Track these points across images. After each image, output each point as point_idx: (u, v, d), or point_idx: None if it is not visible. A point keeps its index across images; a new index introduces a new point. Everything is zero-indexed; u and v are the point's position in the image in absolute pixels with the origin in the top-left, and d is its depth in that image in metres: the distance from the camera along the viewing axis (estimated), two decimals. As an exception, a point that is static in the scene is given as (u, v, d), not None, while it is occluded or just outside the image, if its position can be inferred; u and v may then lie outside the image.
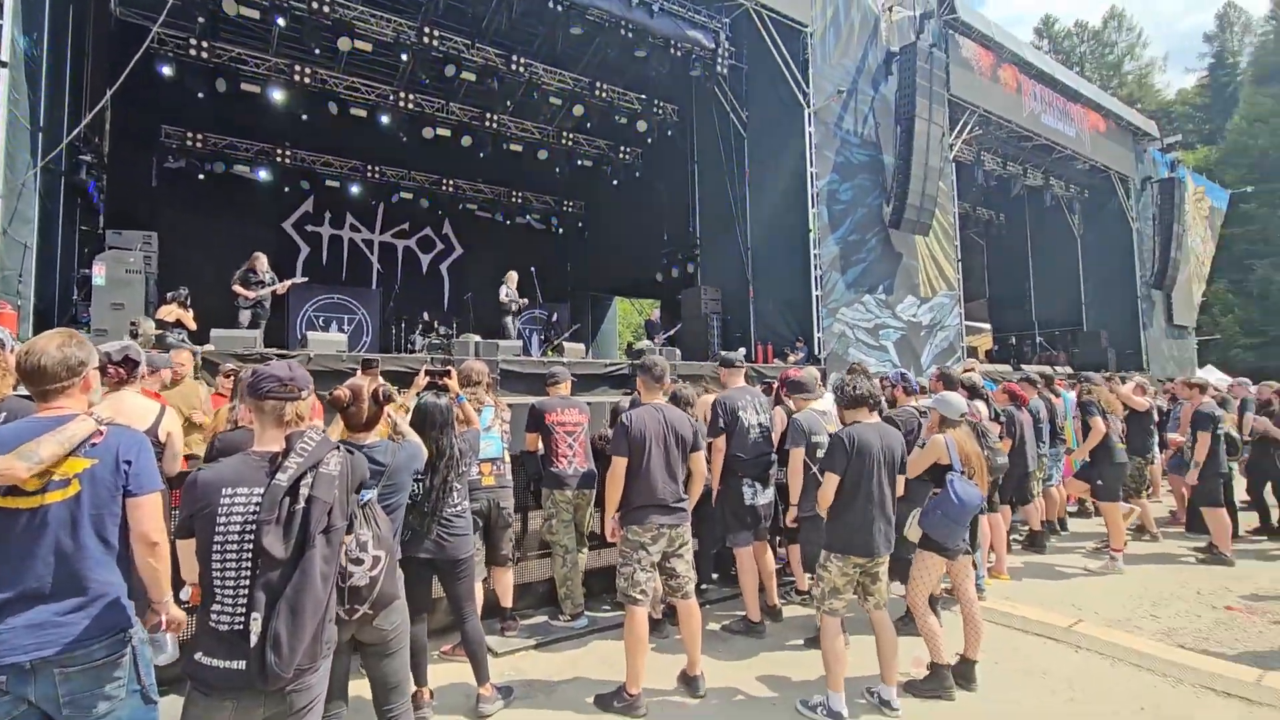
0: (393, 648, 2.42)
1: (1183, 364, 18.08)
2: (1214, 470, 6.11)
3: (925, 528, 3.52)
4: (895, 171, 11.97)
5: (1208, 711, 3.31)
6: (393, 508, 2.57)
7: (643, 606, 3.27)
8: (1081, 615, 4.59)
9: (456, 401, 3.47)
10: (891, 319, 12.14)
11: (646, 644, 3.29)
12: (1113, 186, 17.48)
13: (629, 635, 3.25)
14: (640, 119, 13.36)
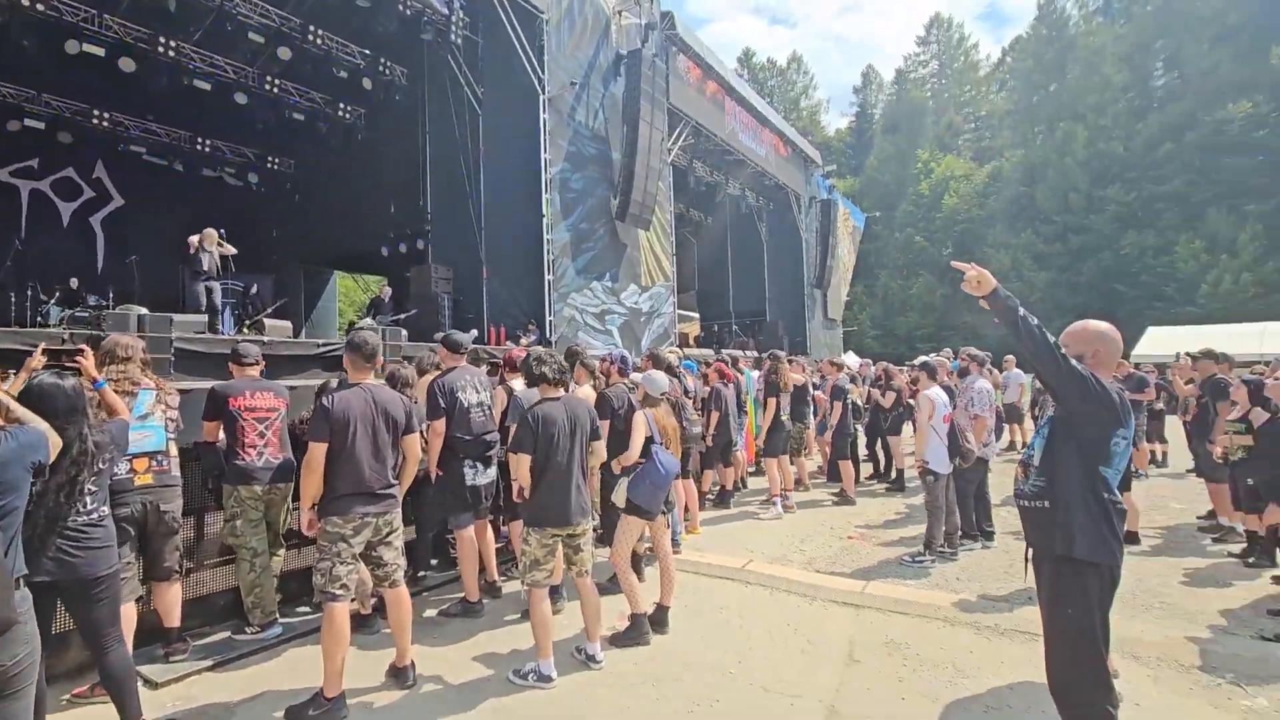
0: (12, 688, 1.92)
1: (834, 349, 22.62)
2: (844, 431, 7.81)
3: (632, 495, 3.89)
4: (622, 168, 12.81)
5: (831, 618, 4.25)
6: (2, 513, 2.02)
7: (342, 602, 3.05)
8: (752, 556, 5.52)
9: (95, 386, 2.83)
10: (616, 305, 13.03)
11: (346, 641, 3.07)
12: (790, 202, 21.07)
13: (326, 635, 3.01)
14: (364, 76, 12.21)
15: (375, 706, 3.18)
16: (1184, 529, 6.31)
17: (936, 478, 5.35)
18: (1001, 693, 3.23)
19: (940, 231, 44.88)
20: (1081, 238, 38.67)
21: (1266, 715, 3.00)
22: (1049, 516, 2.38)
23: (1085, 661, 2.30)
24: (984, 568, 5.20)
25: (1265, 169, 33.89)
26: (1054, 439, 2.41)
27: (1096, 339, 2.45)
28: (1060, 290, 38.03)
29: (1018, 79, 49.78)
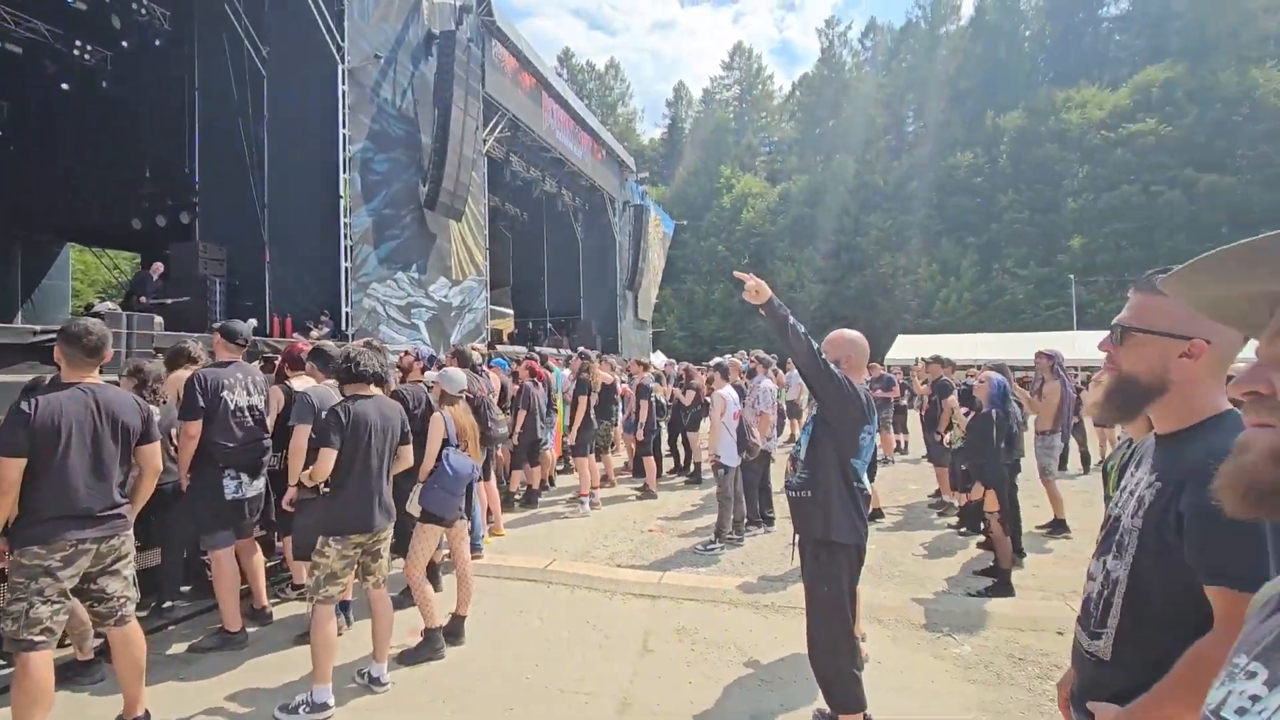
0: None
1: (644, 349, 23.61)
2: (649, 429, 8.16)
3: (424, 503, 3.67)
4: (432, 153, 12.13)
5: (629, 611, 4.39)
6: None
7: (42, 651, 2.48)
8: (556, 555, 5.53)
9: None
10: (424, 298, 12.32)
11: (48, 700, 2.49)
12: (605, 204, 21.56)
13: (19, 693, 2.42)
14: (111, 12, 10.19)
15: (94, 771, 2.65)
16: (918, 506, 7.52)
17: (727, 470, 5.80)
18: (775, 666, 3.57)
19: (739, 242, 48.96)
20: (850, 255, 44.57)
21: (970, 658, 3.66)
22: (811, 504, 2.67)
23: (836, 631, 2.61)
24: (765, 551, 5.73)
25: (980, 209, 41.66)
26: (816, 435, 2.71)
27: (849, 345, 2.80)
28: (834, 301, 43.47)
29: (804, 112, 56.03)
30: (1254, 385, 0.57)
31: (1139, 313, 1.28)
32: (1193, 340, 1.20)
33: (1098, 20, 50.04)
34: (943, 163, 43.85)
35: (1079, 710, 1.32)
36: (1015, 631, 3.98)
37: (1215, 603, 1.10)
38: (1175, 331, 1.22)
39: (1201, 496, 1.11)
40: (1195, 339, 1.20)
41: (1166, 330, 1.23)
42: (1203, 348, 1.20)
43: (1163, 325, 1.23)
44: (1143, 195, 35.39)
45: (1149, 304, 1.27)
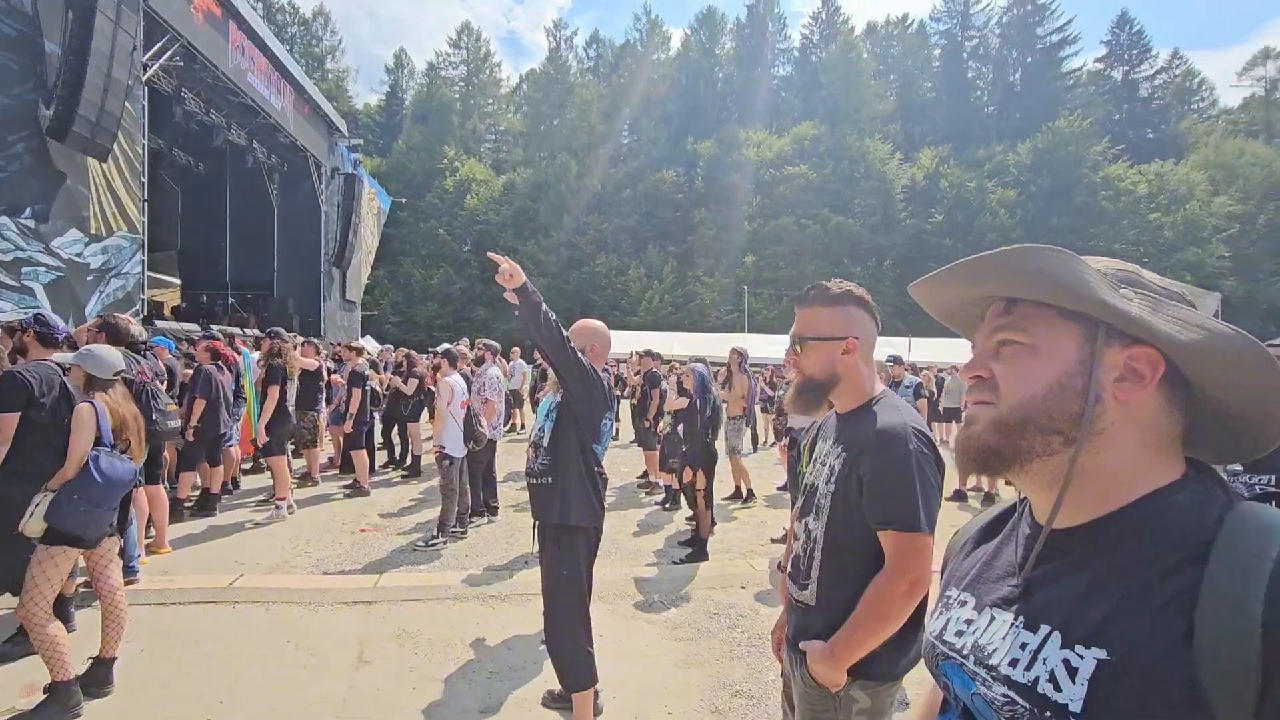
0: None
1: (351, 333, 21.49)
2: (361, 420, 7.46)
3: (58, 521, 2.81)
4: (63, 68, 9.31)
5: (340, 622, 3.96)
6: None
7: None
8: (244, 569, 4.73)
9: None
10: (44, 254, 9.45)
11: None
12: (309, 168, 19.01)
13: None
14: None
15: None
16: (628, 487, 8.20)
17: (452, 461, 5.60)
18: (503, 654, 3.57)
19: (462, 228, 47.56)
20: (570, 252, 46.54)
21: (675, 619, 4.12)
22: (551, 490, 2.73)
23: (574, 613, 2.72)
24: (490, 542, 5.68)
25: (680, 222, 47.00)
26: (560, 422, 2.77)
27: (593, 334, 2.92)
28: (553, 295, 44.93)
29: (530, 106, 56.69)
30: (978, 371, 0.74)
31: (806, 324, 1.61)
32: (847, 339, 1.55)
33: (770, 77, 60.20)
34: (652, 176, 48.38)
35: (793, 650, 1.58)
36: (710, 591, 4.60)
37: (886, 544, 1.42)
38: (834, 334, 1.56)
39: (874, 461, 1.43)
40: (849, 338, 1.55)
41: (828, 334, 1.56)
42: (855, 344, 1.55)
43: (824, 331, 1.57)
44: (795, 226, 43.62)
45: (811, 316, 1.60)
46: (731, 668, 3.48)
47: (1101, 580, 0.65)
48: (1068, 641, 0.64)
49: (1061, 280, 0.66)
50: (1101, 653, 0.60)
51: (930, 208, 43.98)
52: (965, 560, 0.85)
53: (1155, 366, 0.66)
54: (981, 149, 47.05)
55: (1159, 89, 57.66)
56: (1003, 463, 0.71)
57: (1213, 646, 0.54)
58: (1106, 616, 0.62)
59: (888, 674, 1.47)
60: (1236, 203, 40.80)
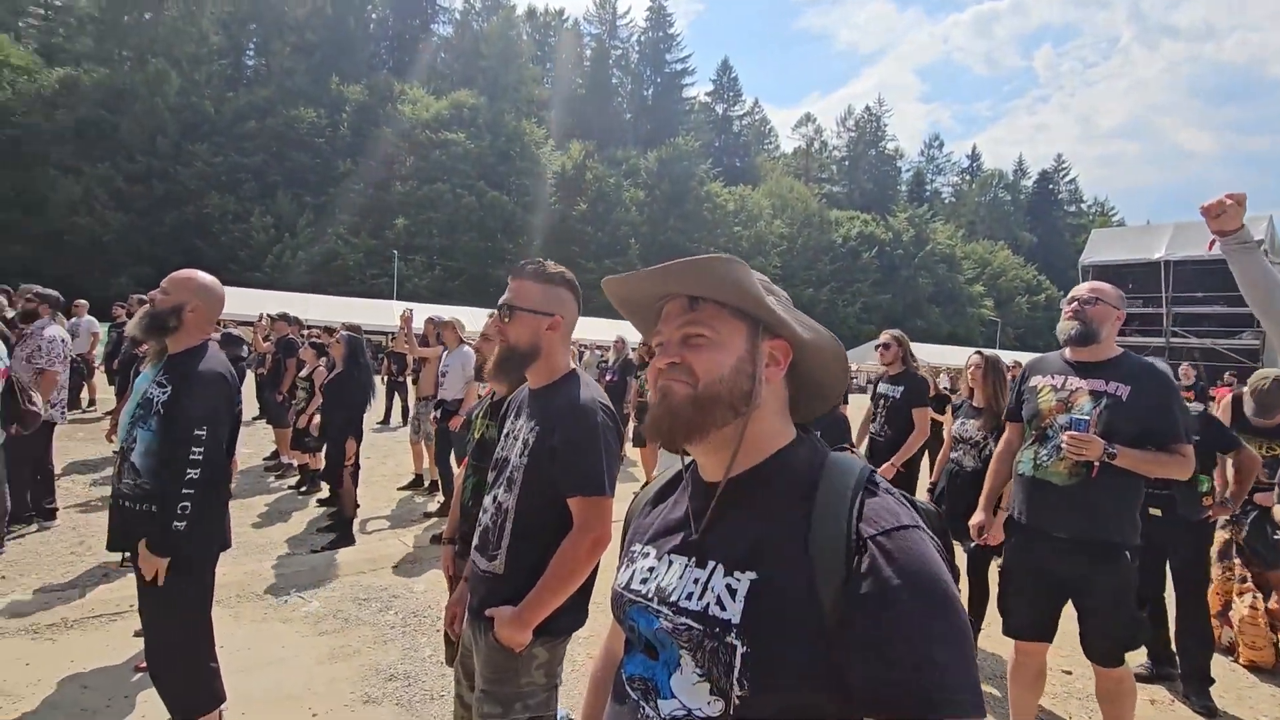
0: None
1: None
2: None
3: None
4: None
5: None
6: None
7: None
8: None
9: None
10: None
11: None
12: None
13: None
14: None
15: None
16: (254, 470, 7.08)
17: (-27, 454, 4.05)
18: (74, 694, 2.77)
19: (-20, 128, 33.93)
20: (167, 186, 37.39)
21: (319, 611, 3.75)
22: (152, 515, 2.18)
23: (197, 633, 2.26)
24: (44, 554, 4.29)
25: (320, 169, 41.82)
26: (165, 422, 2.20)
27: (204, 291, 2.28)
28: (139, 237, 35.61)
29: (107, -15, 43.20)
30: (673, 358, 0.87)
31: (518, 295, 1.66)
32: (554, 315, 1.65)
33: (430, 33, 57.32)
34: (286, 112, 41.68)
35: (476, 618, 1.61)
36: (359, 575, 4.30)
37: (575, 509, 1.54)
38: (543, 309, 1.64)
39: (566, 433, 1.55)
40: (555, 315, 1.65)
41: (538, 308, 1.64)
42: (560, 322, 1.66)
43: (535, 304, 1.65)
44: (451, 194, 42.68)
45: (523, 288, 1.66)
46: (384, 652, 3.33)
47: (750, 518, 0.83)
48: (729, 570, 0.80)
49: (744, 286, 0.83)
50: (753, 574, 0.77)
51: (576, 196, 47.66)
52: (645, 519, 0.99)
53: (788, 354, 0.89)
54: (620, 150, 52.88)
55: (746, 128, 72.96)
56: (692, 433, 0.85)
57: (819, 548, 0.75)
58: (754, 545, 0.80)
59: (565, 629, 1.62)
60: (787, 225, 54.45)
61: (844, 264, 54.66)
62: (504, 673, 1.57)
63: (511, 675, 1.57)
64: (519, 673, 1.57)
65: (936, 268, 58.26)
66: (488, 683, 1.59)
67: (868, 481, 0.80)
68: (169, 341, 2.24)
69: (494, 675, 1.57)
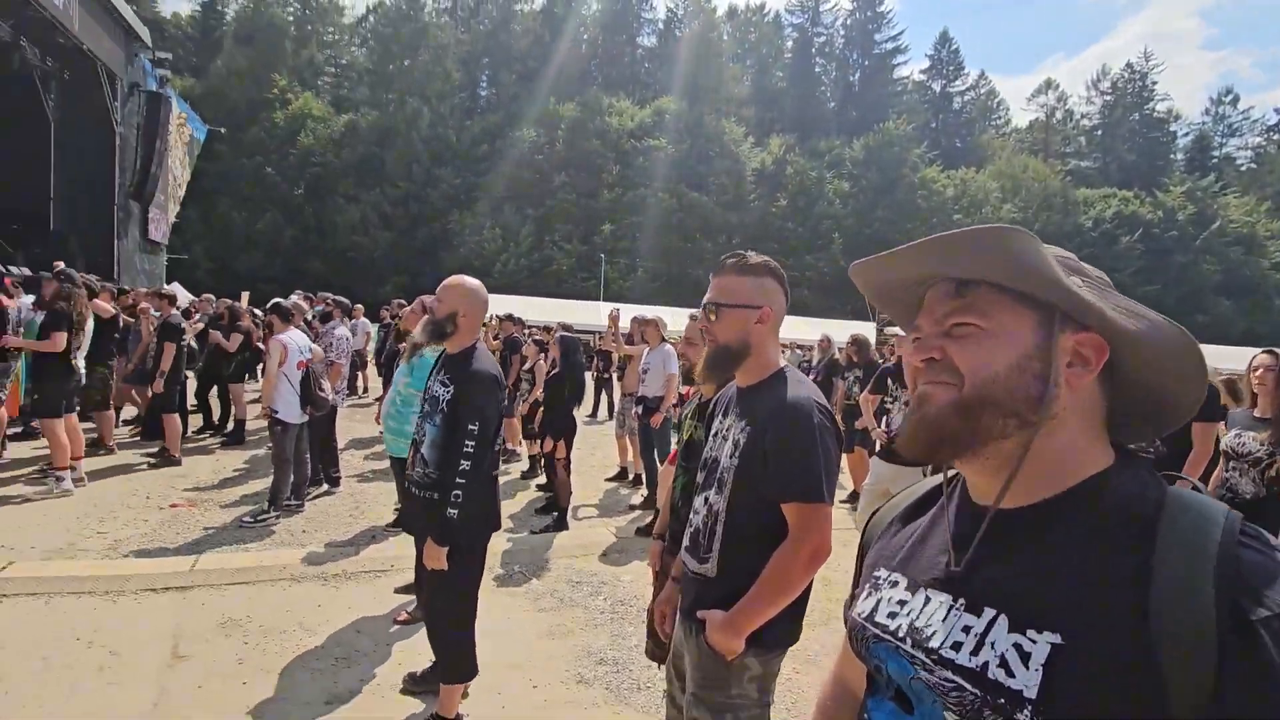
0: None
1: (154, 278, 18.55)
2: (174, 379, 6.46)
3: None
4: None
5: (146, 613, 3.42)
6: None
7: None
8: (14, 556, 3.94)
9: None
10: None
11: None
12: (99, 79, 15.84)
13: None
14: None
15: None
16: (485, 456, 7.94)
17: (285, 428, 5.02)
18: (351, 638, 3.29)
19: (294, 169, 42.79)
20: (420, 206, 43.74)
21: (536, 589, 4.06)
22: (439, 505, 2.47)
23: (468, 604, 2.55)
24: (330, 515, 5.21)
25: (539, 184, 45.88)
26: (450, 424, 2.47)
27: (471, 295, 2.58)
28: (399, 251, 42.12)
29: (379, 42, 51.88)
30: (930, 353, 0.72)
31: (723, 291, 1.58)
32: (762, 308, 1.54)
33: (635, 46, 60.08)
34: (512, 134, 46.52)
35: (688, 620, 1.58)
36: (571, 559, 4.58)
37: (790, 515, 1.44)
38: (750, 302, 1.54)
39: (779, 434, 1.44)
40: (763, 307, 1.54)
41: (745, 302, 1.54)
42: (768, 314, 1.55)
43: (742, 299, 1.55)
44: (653, 198, 44.36)
45: (727, 284, 1.57)
46: (595, 635, 3.49)
47: (1049, 563, 0.64)
48: (1016, 625, 0.63)
49: (1028, 263, 0.66)
50: (1055, 637, 0.60)
51: (776, 192, 46.71)
52: (893, 539, 0.84)
53: (1101, 352, 0.68)
54: (823, 141, 50.68)
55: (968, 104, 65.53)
56: (958, 446, 0.69)
57: (1171, 625, 0.55)
58: (1057, 599, 0.62)
59: (779, 642, 1.52)
60: (1019, 210, 47.89)
61: (1096, 250, 46.57)
62: (715, 680, 1.52)
63: (722, 683, 1.51)
64: (730, 682, 1.51)
65: (1227, 251, 47.21)
66: (699, 687, 1.55)
67: (1240, 532, 0.59)
68: (447, 344, 2.52)
69: (705, 681, 1.53)
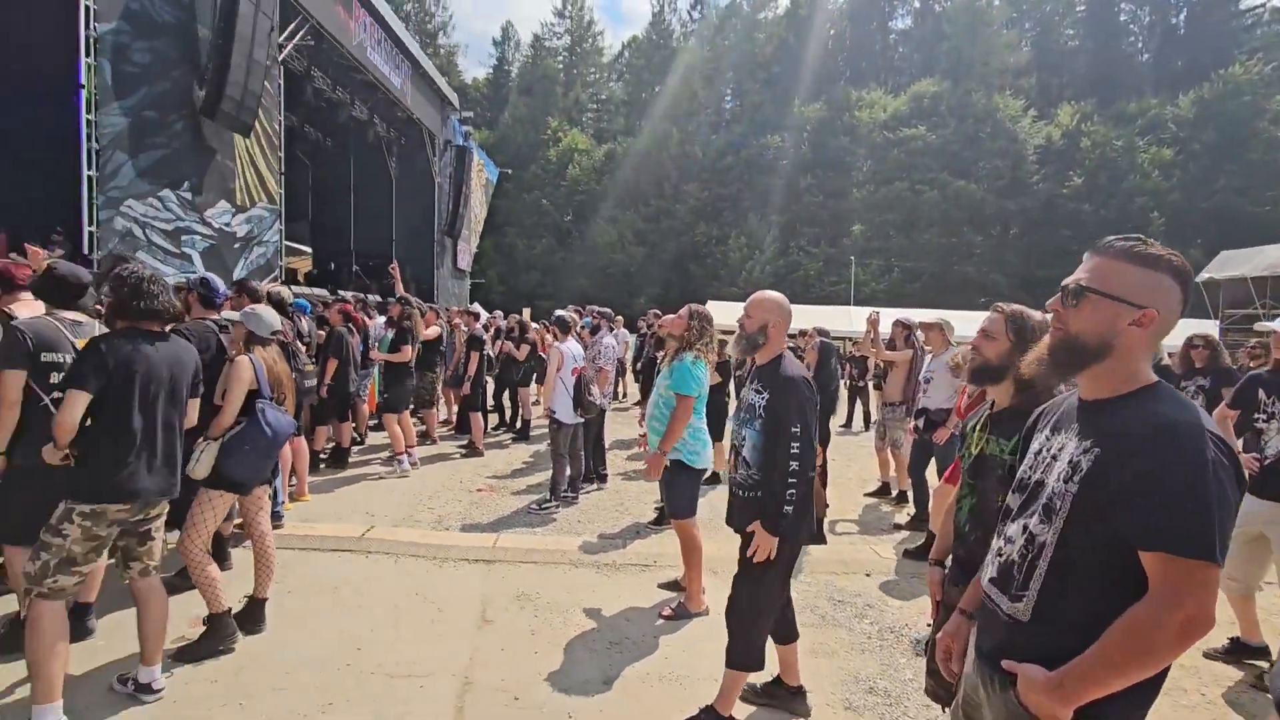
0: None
1: (461, 300, 22.38)
2: (477, 383, 7.67)
3: (227, 468, 3.00)
4: (213, 51, 10.03)
5: (463, 579, 4.06)
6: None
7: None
8: (374, 521, 4.98)
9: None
10: (199, 224, 10.33)
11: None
12: (424, 140, 19.74)
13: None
14: None
15: None
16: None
17: (561, 426, 5.61)
18: (622, 625, 3.51)
19: (564, 199, 48.27)
20: (669, 222, 46.17)
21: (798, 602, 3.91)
22: (759, 505, 2.54)
23: (772, 602, 2.61)
24: (600, 509, 5.68)
25: (784, 190, 45.29)
26: (770, 433, 2.53)
27: (777, 309, 2.67)
28: (651, 264, 44.91)
29: (633, 74, 56.24)
30: None
31: (1098, 276, 1.27)
32: (1145, 309, 1.22)
33: (887, 31, 56.24)
34: (756, 142, 46.78)
35: (990, 666, 1.35)
36: (831, 575, 4.35)
37: (1152, 567, 1.12)
38: (1130, 299, 1.22)
39: (1150, 465, 1.12)
40: (1148, 308, 1.22)
41: (1122, 296, 1.23)
42: (1153, 317, 1.22)
43: (1119, 290, 1.24)
44: (910, 192, 40.88)
45: (1107, 268, 1.25)
46: (863, 661, 3.24)
47: None
48: None
49: None
50: None
51: (1068, 170, 39.81)
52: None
53: None
54: (1133, 103, 41.84)
55: (1363, 24, 48.68)
56: None
57: None
58: None
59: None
60: None
61: None
62: (1032, 749, 1.25)
63: (1040, 754, 1.23)
64: (1049, 757, 1.22)
65: None
66: (1010, 751, 1.29)
67: None
68: (757, 354, 2.67)
69: (1018, 747, 1.26)
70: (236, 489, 3.09)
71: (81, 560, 2.41)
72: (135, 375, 2.46)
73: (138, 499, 2.49)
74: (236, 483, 3.05)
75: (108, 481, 2.42)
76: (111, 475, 2.43)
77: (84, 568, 2.43)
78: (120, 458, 2.44)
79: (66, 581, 2.39)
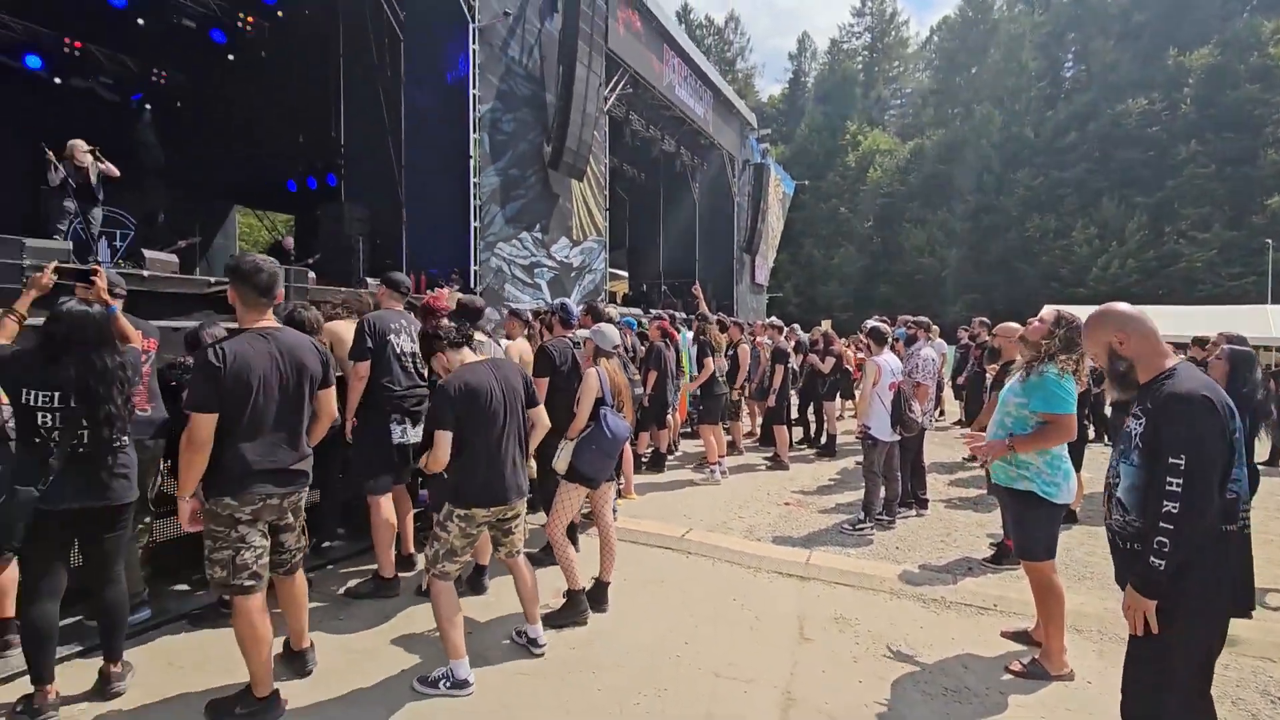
0: None
1: (759, 314, 22.82)
2: (781, 395, 7.68)
3: (579, 464, 3.50)
4: (556, 112, 12.01)
5: (777, 591, 4.06)
6: None
7: (254, 595, 2.56)
8: (691, 524, 5.30)
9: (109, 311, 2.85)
10: (546, 258, 12.39)
11: (268, 635, 2.61)
12: (724, 163, 20.75)
13: (240, 633, 2.56)
14: (267, -16, 10.78)
15: (275, 707, 2.70)
16: (1097, 496, 6.59)
17: (876, 444, 5.26)
18: (957, 672, 3.12)
19: (864, 204, 46.12)
20: (991, 217, 40.71)
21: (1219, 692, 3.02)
22: None
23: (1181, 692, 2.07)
24: (921, 537, 5.18)
25: (1153, 163, 36.51)
26: (1152, 473, 2.02)
27: (1128, 322, 2.17)
28: (969, 267, 40.06)
29: (942, 59, 51.30)
30: None
31: None
32: None
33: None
34: (1109, 110, 38.64)
35: None
36: (1264, 660, 3.26)
37: None
38: None
39: None
40: None
41: None
42: None
43: None
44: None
45: None
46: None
47: None
48: None
49: None
50: None
51: None
52: None
53: None
54: None
55: None
56: None
57: None
58: None
59: None
60: None
61: None
62: None
63: None
64: None
65: None
66: None
67: None
68: (1138, 374, 2.14)
69: None
70: (587, 483, 3.56)
71: (460, 551, 2.94)
72: (481, 406, 2.87)
73: (496, 503, 2.94)
74: (587, 477, 3.52)
75: (477, 487, 2.91)
76: (479, 482, 2.90)
77: (462, 557, 2.96)
78: (483, 468, 2.90)
79: (450, 567, 2.93)
